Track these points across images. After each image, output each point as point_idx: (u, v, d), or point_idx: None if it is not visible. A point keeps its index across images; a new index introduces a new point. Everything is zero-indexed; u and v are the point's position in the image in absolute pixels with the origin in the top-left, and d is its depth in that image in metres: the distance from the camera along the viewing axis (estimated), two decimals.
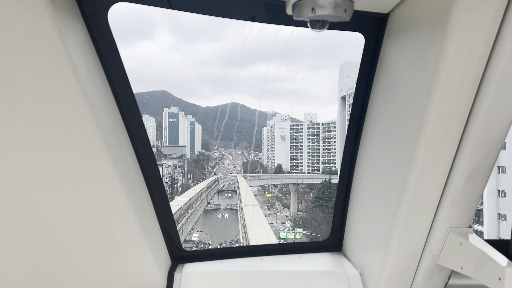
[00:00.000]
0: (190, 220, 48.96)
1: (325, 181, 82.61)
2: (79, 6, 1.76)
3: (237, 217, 60.97)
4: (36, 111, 1.62)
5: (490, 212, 38.53)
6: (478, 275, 1.81)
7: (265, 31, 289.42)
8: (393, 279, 2.21)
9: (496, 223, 38.27)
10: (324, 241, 2.92)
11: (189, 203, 48.42)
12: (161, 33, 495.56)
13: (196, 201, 56.13)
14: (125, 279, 2.23)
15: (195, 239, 61.02)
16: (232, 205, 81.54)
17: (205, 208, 71.56)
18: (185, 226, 46.56)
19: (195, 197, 54.83)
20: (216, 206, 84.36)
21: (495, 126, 1.76)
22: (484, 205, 38.61)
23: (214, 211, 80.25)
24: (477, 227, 39.27)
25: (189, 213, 47.88)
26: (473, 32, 1.56)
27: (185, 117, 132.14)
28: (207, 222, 70.45)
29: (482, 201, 38.79)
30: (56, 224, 1.93)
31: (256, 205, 54.44)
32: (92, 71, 1.81)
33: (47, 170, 1.76)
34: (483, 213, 39.16)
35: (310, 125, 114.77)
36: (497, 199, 38.42)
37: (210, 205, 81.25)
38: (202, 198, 63.24)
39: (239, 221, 53.83)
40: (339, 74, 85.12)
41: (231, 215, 72.75)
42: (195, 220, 56.46)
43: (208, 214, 75.79)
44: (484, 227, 38.65)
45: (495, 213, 38.44)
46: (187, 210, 46.70)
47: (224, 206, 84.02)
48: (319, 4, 1.42)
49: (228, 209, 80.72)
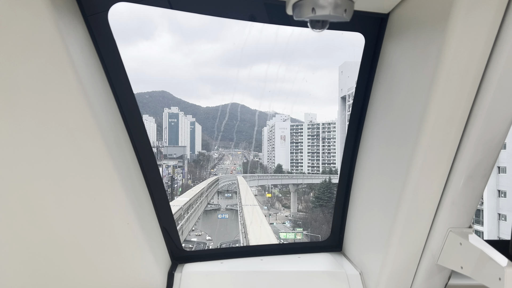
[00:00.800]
0: (190, 221, 48.87)
1: (325, 181, 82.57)
2: (79, 6, 1.76)
3: (237, 217, 60.80)
4: (36, 111, 1.62)
5: (490, 212, 38.49)
6: (478, 275, 1.82)
7: (265, 31, 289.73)
8: (393, 279, 2.21)
9: (496, 223, 38.22)
10: (324, 241, 2.92)
11: (189, 203, 48.32)
12: (161, 34, 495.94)
13: (196, 201, 55.93)
14: (125, 279, 2.23)
15: (195, 240, 60.92)
16: (232, 205, 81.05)
17: (205, 208, 71.27)
18: (185, 227, 46.52)
19: (195, 197, 54.66)
20: (216, 206, 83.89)
21: (495, 126, 1.77)
22: (484, 205, 38.56)
23: (214, 211, 79.95)
24: (477, 227, 39.17)
25: (189, 213, 47.80)
26: (473, 32, 1.57)
27: (185, 117, 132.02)
28: (207, 222, 70.48)
29: (482, 201, 38.75)
30: (56, 224, 1.93)
31: (256, 205, 54.16)
32: (92, 71, 1.81)
33: (47, 170, 1.77)
34: (483, 213, 39.10)
35: (310, 125, 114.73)
36: (497, 199, 38.37)
37: (210, 205, 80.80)
38: (202, 198, 63.03)
39: (239, 222, 53.74)
40: (339, 74, 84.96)
41: (231, 215, 72.58)
42: (195, 221, 56.35)
43: (208, 214, 75.67)
44: (484, 227, 38.60)
45: (495, 213, 38.40)
46: (187, 211, 46.64)
47: (224, 207, 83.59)
48: (319, 4, 1.42)
49: (228, 209, 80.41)
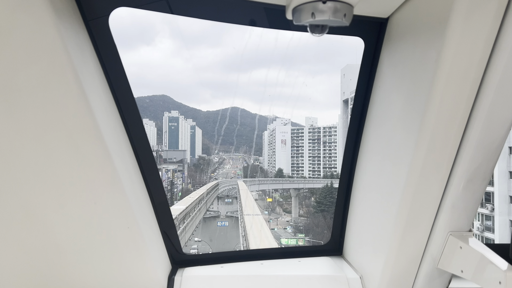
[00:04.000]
0: (186, 231, 47.54)
1: (327, 185, 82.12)
2: (80, 10, 1.80)
3: (237, 224, 59.37)
4: (37, 115, 1.66)
5: (501, 218, 38.05)
6: (478, 279, 1.84)
7: (265, 36, 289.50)
8: (393, 283, 2.23)
9: (507, 230, 37.74)
10: (324, 245, 2.95)
11: (186, 212, 46.73)
12: (162, 39, 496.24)
13: (194, 209, 54.25)
14: (125, 283, 2.25)
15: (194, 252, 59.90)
16: (232, 212, 78.40)
17: (204, 215, 69.03)
18: (181, 237, 45.37)
19: (192, 205, 52.75)
20: (215, 213, 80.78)
21: (495, 130, 1.79)
22: (495, 211, 38.18)
23: (214, 218, 77.11)
24: (488, 234, 38.81)
25: (185, 223, 46.45)
26: (472, 36, 1.60)
27: (186, 121, 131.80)
28: (206, 231, 68.91)
29: (493, 208, 38.46)
30: (57, 228, 1.96)
31: (259, 214, 52.43)
32: (93, 75, 1.84)
33: (48, 174, 1.80)
34: (493, 220, 38.74)
35: (311, 129, 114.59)
36: (509, 206, 37.95)
37: (210, 212, 78.19)
38: (200, 205, 61.16)
39: (240, 234, 51.99)
40: (341, 78, 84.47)
41: (231, 222, 70.86)
42: (193, 230, 54.57)
43: (207, 221, 74.17)
44: (496, 235, 38.24)
45: (507, 220, 37.98)
46: (183, 220, 45.40)
47: (224, 213, 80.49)
48: (319, 9, 1.44)
49: (228, 216, 77.59)
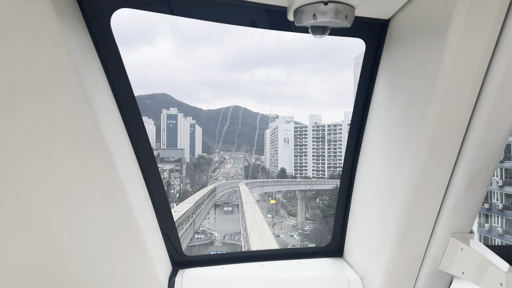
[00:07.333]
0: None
1: (336, 187, 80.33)
2: (82, 11, 1.83)
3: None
4: (39, 116, 1.68)
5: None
6: (479, 281, 1.86)
7: (266, 37, 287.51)
8: (394, 285, 2.26)
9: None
10: (325, 247, 2.98)
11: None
12: (163, 39, 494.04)
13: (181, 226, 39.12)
14: (126, 284, 2.28)
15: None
16: (232, 236, 55.38)
17: (188, 243, 45.84)
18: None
19: (179, 221, 37.69)
20: (208, 238, 54.20)
21: (496, 132, 1.82)
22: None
23: (205, 246, 52.00)
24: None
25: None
26: (474, 38, 1.62)
27: (185, 119, 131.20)
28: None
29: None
30: (58, 229, 1.99)
31: (272, 241, 39.57)
32: (94, 76, 1.87)
33: (49, 175, 1.82)
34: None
35: (315, 127, 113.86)
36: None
37: (199, 236, 52.43)
38: (188, 222, 43.88)
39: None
40: (354, 67, 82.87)
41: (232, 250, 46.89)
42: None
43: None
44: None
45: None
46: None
47: (221, 237, 55.51)
48: (321, 11, 1.47)
49: (225, 243, 53.78)
